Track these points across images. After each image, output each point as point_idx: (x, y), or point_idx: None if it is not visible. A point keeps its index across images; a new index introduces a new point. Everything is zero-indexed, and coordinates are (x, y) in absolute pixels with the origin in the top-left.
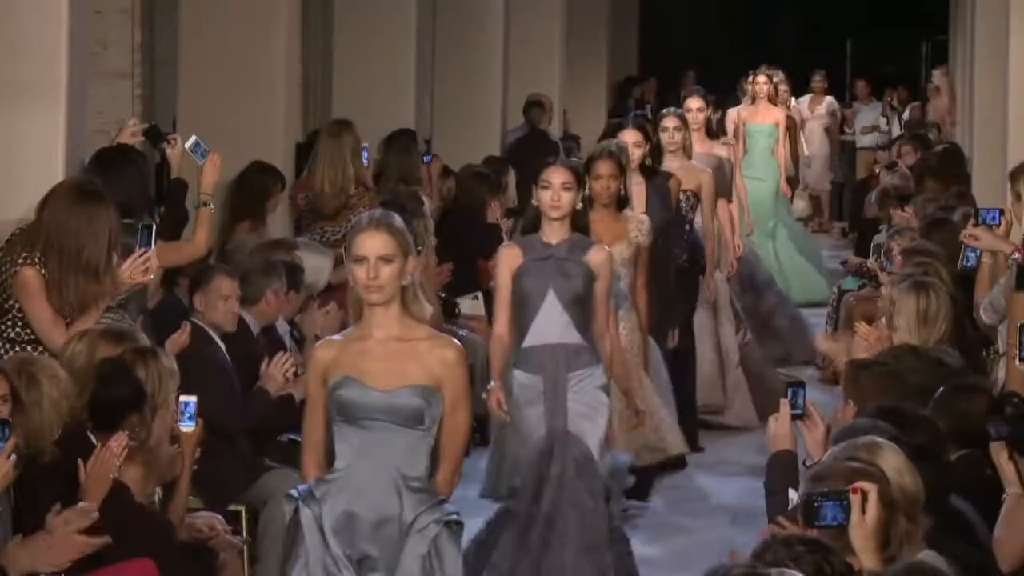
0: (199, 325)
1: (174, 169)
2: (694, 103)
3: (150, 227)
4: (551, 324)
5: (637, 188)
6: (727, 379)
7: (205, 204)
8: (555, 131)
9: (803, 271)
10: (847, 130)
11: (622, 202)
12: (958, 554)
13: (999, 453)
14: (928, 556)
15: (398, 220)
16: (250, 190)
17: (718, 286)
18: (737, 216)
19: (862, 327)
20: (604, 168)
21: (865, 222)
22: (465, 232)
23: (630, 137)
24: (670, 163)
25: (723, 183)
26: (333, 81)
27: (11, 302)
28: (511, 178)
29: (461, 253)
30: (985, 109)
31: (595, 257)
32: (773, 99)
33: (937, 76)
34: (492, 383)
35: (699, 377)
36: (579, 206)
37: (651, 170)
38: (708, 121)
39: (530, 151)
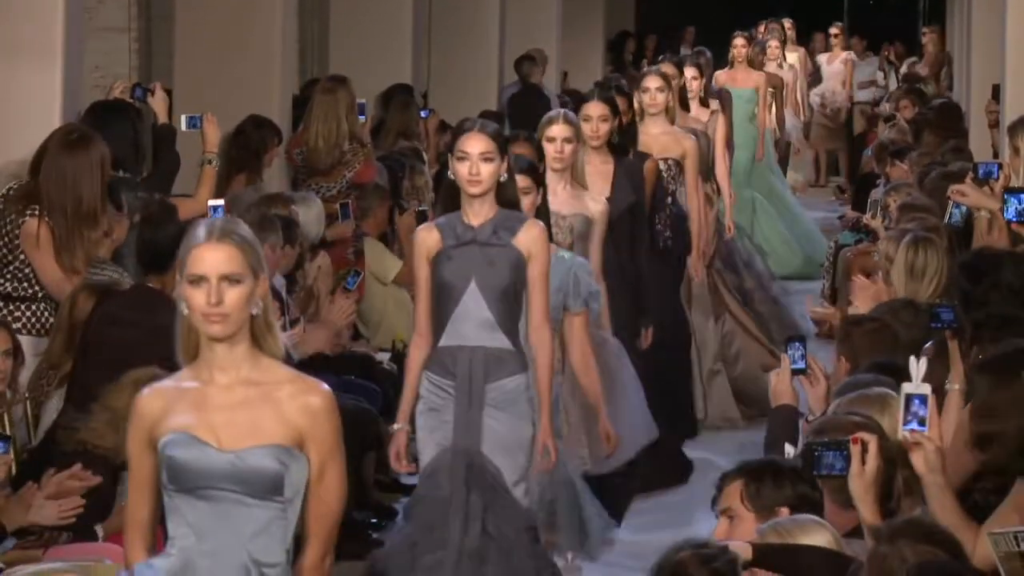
0: None
1: (159, 116)
2: (689, 71)
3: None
4: (471, 322)
5: (603, 168)
6: (703, 375)
7: (209, 162)
8: (550, 85)
9: (786, 245)
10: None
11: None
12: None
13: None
14: (927, 511)
15: (246, 230)
16: (247, 144)
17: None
18: (727, 190)
19: (859, 279)
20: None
21: (862, 177)
22: None
23: (594, 111)
24: (650, 128)
25: (701, 159)
26: (330, 37)
27: (13, 255)
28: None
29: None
30: (982, 63)
31: (526, 236)
32: (757, 62)
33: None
34: (396, 424)
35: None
36: (503, 177)
37: (620, 148)
38: (707, 85)
39: (525, 106)
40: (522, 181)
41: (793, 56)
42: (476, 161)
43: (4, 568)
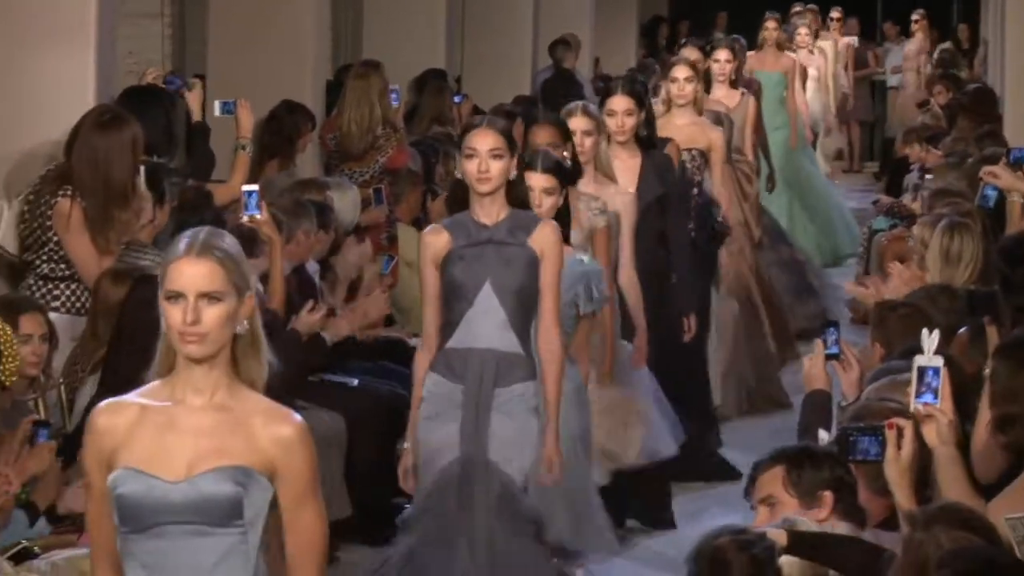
0: None
1: (193, 112)
2: (722, 54)
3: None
4: (484, 323)
5: (631, 163)
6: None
7: (243, 148)
8: (583, 71)
9: (818, 236)
10: (879, 70)
11: (572, 175)
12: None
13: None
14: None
15: (231, 244)
16: (280, 129)
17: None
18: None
19: (896, 265)
20: (542, 135)
21: (896, 162)
22: None
23: (620, 105)
24: (677, 119)
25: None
26: (364, 22)
27: (48, 235)
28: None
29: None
30: (1016, 49)
31: (540, 236)
32: (784, 45)
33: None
34: (404, 442)
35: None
36: (513, 175)
37: (648, 142)
38: (739, 70)
39: (558, 91)
40: (547, 181)
41: (825, 43)
42: (485, 158)
43: (40, 553)
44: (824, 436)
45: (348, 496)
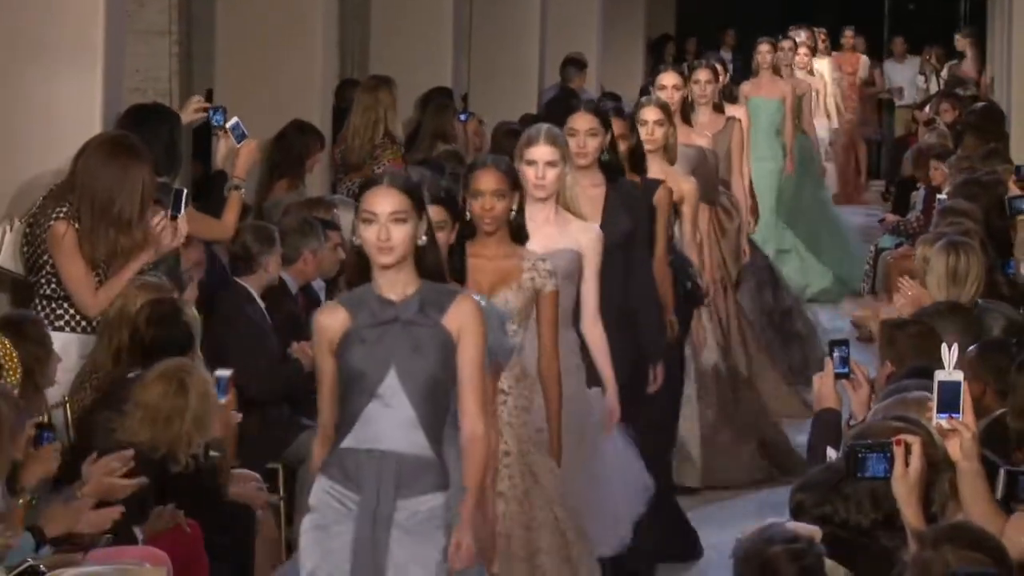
0: (240, 284)
1: (218, 160)
2: (702, 75)
3: (182, 192)
4: (387, 420)
5: (593, 192)
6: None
7: (237, 188)
8: (589, 91)
9: (816, 266)
10: (885, 89)
11: (517, 231)
12: None
13: None
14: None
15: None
16: (289, 149)
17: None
18: (745, 204)
19: (906, 281)
20: (488, 181)
21: (903, 180)
22: None
23: (581, 123)
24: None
25: (707, 182)
26: (371, 40)
27: (45, 257)
28: None
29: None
30: (1022, 66)
31: (457, 313)
32: (779, 70)
33: (958, 40)
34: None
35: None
36: (421, 240)
37: (613, 168)
38: (724, 90)
39: (560, 110)
40: (436, 213)
41: (823, 64)
42: (385, 223)
43: (46, 571)
44: (833, 455)
45: None
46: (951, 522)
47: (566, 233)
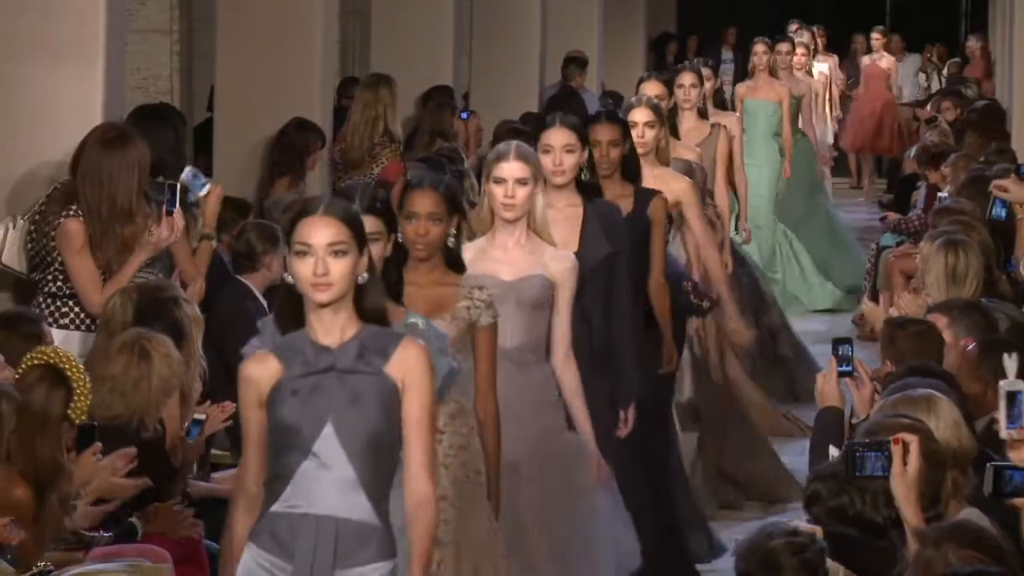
0: (242, 281)
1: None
2: (686, 79)
3: (176, 186)
4: (323, 481)
5: (569, 212)
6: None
7: (208, 237)
8: (590, 89)
9: (819, 278)
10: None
11: (452, 260)
12: (999, 513)
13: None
14: (972, 514)
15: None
16: (290, 146)
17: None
18: (726, 213)
19: (905, 297)
20: (424, 203)
21: (903, 179)
22: None
23: (557, 139)
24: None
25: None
26: (371, 38)
27: (54, 255)
28: None
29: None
30: None
31: (402, 359)
32: (776, 71)
33: (969, 46)
34: None
35: None
36: (362, 278)
37: (591, 188)
38: (716, 96)
39: (560, 108)
40: (372, 225)
41: (823, 64)
42: (323, 256)
43: (54, 570)
44: (835, 453)
45: None
46: (953, 521)
47: (536, 259)
